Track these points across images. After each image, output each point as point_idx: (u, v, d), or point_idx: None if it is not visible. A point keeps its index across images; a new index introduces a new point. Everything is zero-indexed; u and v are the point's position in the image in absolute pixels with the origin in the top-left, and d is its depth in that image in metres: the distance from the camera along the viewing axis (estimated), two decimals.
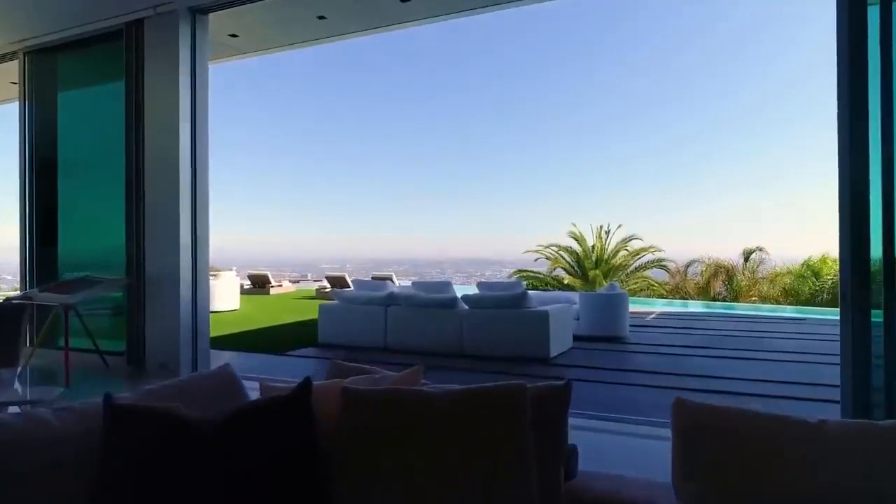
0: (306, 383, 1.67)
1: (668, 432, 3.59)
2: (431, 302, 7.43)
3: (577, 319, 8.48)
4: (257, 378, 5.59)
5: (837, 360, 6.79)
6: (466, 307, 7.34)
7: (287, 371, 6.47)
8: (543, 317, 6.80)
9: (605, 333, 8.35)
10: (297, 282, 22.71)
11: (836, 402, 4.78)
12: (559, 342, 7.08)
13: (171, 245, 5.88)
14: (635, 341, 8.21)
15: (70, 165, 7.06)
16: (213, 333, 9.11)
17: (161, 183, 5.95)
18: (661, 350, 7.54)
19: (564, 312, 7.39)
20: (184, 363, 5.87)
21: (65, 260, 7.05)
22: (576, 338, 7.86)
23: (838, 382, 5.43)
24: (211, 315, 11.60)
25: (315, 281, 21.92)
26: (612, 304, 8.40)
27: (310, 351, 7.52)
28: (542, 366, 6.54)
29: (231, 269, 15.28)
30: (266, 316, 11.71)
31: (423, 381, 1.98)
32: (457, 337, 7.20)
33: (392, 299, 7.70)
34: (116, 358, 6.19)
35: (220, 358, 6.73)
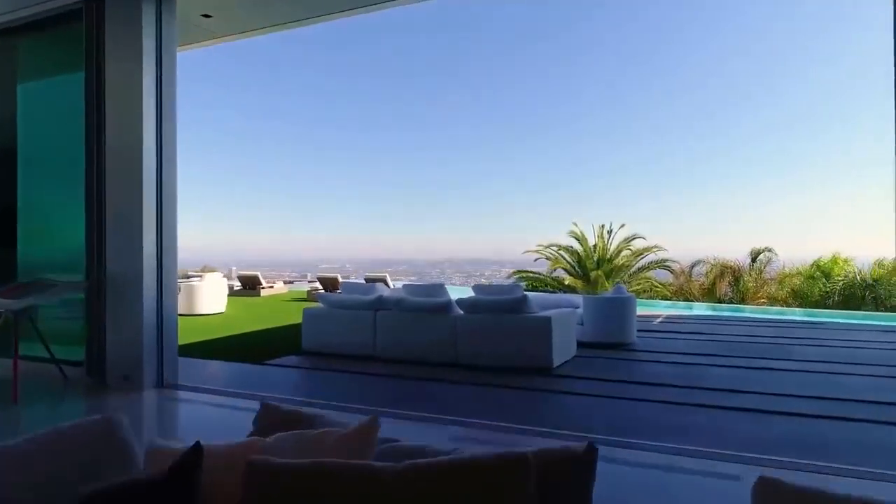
0: (193, 453, 1.10)
1: (700, 464, 3.00)
2: (423, 306, 6.85)
3: (581, 324, 7.90)
4: (221, 392, 5.01)
5: (873, 371, 6.27)
6: (461, 312, 6.76)
7: (259, 384, 5.90)
8: (545, 323, 6.22)
9: (612, 340, 7.77)
10: (291, 282, 22.17)
11: (893, 424, 4.23)
12: (562, 350, 6.50)
13: (133, 245, 5.34)
14: (644, 348, 7.63)
15: (31, 161, 6.51)
16: (192, 339, 8.56)
17: (123, 178, 5.41)
18: (674, 359, 6.96)
19: (568, 318, 6.81)
20: (148, 374, 5.31)
21: (25, 261, 6.50)
22: (580, 344, 7.29)
23: (884, 398, 4.90)
24: (194, 319, 11.12)
25: (310, 282, 21.36)
26: (619, 309, 7.81)
27: (291, 360, 6.94)
28: (544, 377, 5.96)
29: (217, 270, 14.73)
30: (252, 320, 11.13)
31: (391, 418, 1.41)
32: (451, 345, 6.62)
33: (381, 303, 7.11)
34: (77, 368, 5.66)
35: (190, 367, 6.16)
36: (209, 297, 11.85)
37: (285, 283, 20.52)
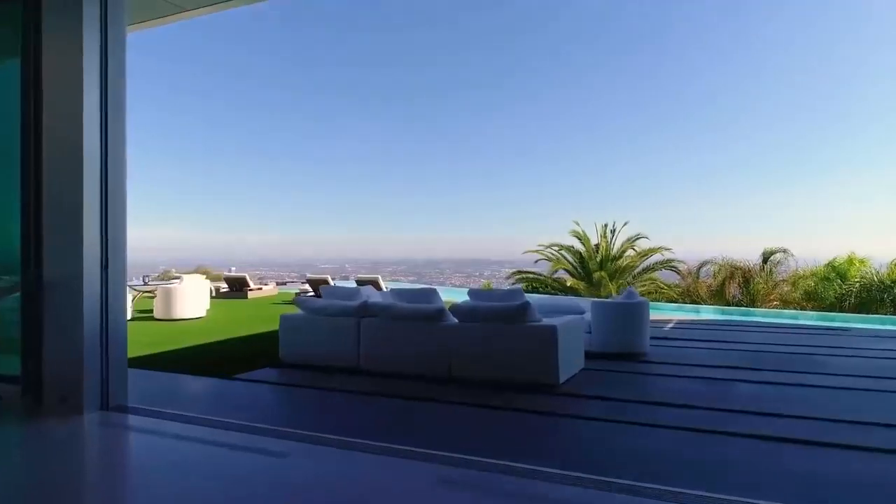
0: None
1: None
2: (412, 314, 6.09)
3: (589, 333, 7.16)
4: (175, 417, 4.24)
5: None
6: (456, 320, 6.01)
7: (223, 404, 5.14)
8: (550, 333, 5.47)
9: (623, 349, 7.03)
10: (284, 284, 21.47)
11: None
12: (569, 364, 5.75)
13: (72, 244, 4.59)
14: (659, 359, 6.88)
15: None
16: (160, 348, 7.79)
17: (63, 171, 4.65)
18: (695, 372, 6.20)
19: (575, 326, 6.06)
20: (89, 394, 4.54)
21: None
22: (587, 355, 6.54)
23: None
24: (170, 324, 10.37)
25: (303, 283, 20.67)
26: (631, 315, 7.06)
27: (265, 373, 6.18)
28: (548, 395, 5.21)
29: (208, 271, 13.99)
30: (232, 325, 10.38)
31: None
32: (444, 357, 5.87)
33: (366, 310, 6.36)
34: (14, 386, 4.91)
35: (147, 383, 5.41)
36: (188, 300, 11.10)
37: (278, 284, 19.83)
